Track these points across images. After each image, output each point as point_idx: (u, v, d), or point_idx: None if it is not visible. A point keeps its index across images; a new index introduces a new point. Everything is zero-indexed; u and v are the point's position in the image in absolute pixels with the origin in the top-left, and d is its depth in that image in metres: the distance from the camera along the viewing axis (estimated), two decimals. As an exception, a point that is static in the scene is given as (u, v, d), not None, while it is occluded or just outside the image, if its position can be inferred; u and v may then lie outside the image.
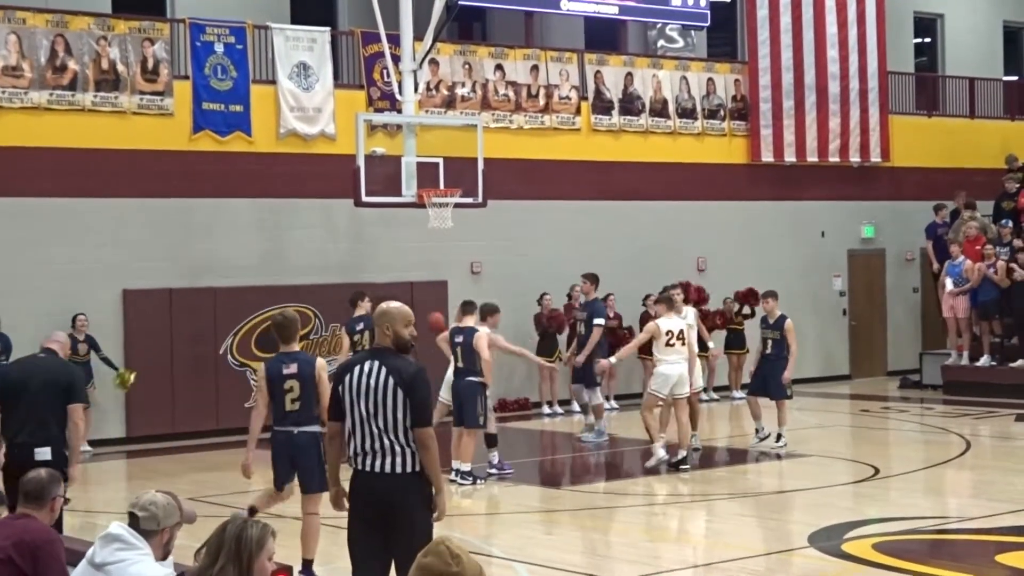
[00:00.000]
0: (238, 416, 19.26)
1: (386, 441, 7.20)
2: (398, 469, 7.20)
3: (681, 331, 15.30)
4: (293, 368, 9.90)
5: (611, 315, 21.10)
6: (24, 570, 5.83)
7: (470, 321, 14.69)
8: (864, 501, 13.77)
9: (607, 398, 21.69)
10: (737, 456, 16.68)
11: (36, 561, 5.86)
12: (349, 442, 7.37)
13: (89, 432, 18.10)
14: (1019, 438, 17.41)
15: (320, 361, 10.03)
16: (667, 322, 15.27)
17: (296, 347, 10.10)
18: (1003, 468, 15.79)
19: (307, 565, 10.10)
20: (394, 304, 7.50)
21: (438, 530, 7.54)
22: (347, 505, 7.49)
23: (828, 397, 23.18)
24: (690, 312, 17.31)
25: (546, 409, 21.36)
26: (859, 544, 11.10)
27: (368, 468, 7.24)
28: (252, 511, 9.90)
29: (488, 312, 15.07)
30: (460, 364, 14.53)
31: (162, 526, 5.66)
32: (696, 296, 21.52)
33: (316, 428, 9.87)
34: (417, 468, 7.24)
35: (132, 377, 17.96)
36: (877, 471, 15.22)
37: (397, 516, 7.19)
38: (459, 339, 14.49)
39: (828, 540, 11.29)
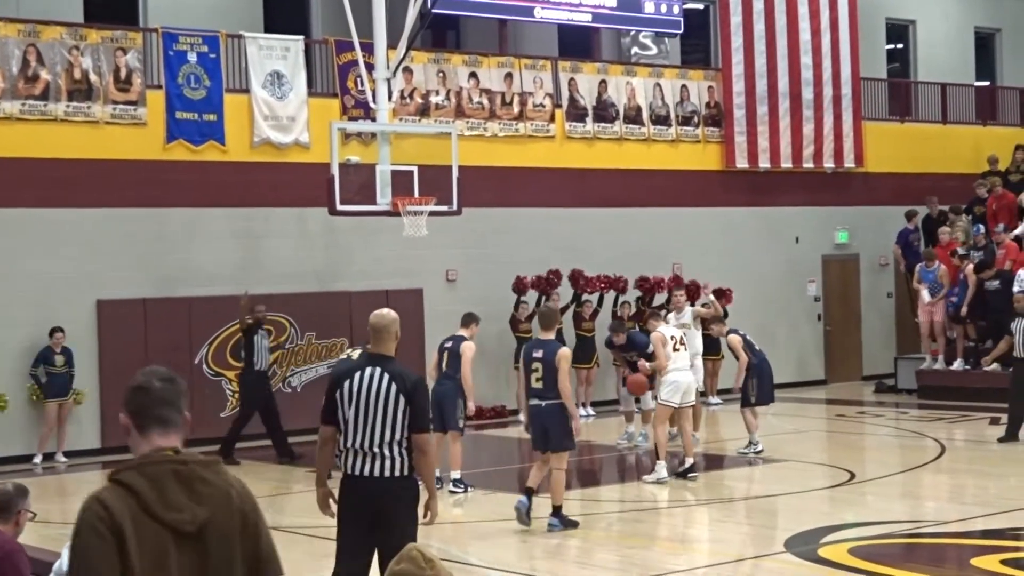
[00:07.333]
0: (213, 426, 19.22)
1: (380, 447, 7.37)
2: (387, 473, 7.38)
3: (683, 336, 15.59)
4: (540, 353, 12.02)
5: (587, 317, 21.36)
6: None
7: (464, 332, 14.79)
8: (840, 505, 13.80)
9: (583, 405, 21.73)
10: (713, 462, 16.68)
11: None
12: (341, 444, 7.48)
13: (65, 443, 18.11)
14: (993, 442, 17.47)
15: (564, 350, 12.04)
16: (667, 329, 15.62)
17: (551, 335, 12.21)
18: (978, 472, 15.87)
19: (557, 510, 12.28)
20: (393, 313, 7.76)
21: (421, 536, 7.57)
22: (334, 507, 7.63)
23: (803, 402, 23.21)
24: (688, 312, 17.41)
25: (521, 416, 21.29)
26: (835, 548, 11.13)
27: (359, 472, 7.40)
28: (529, 491, 12.24)
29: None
30: (444, 367, 14.60)
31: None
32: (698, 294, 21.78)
33: (559, 400, 11.95)
34: (406, 472, 7.43)
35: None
36: (853, 475, 15.26)
37: (387, 518, 7.37)
38: (448, 344, 14.63)
39: (804, 545, 11.31)
